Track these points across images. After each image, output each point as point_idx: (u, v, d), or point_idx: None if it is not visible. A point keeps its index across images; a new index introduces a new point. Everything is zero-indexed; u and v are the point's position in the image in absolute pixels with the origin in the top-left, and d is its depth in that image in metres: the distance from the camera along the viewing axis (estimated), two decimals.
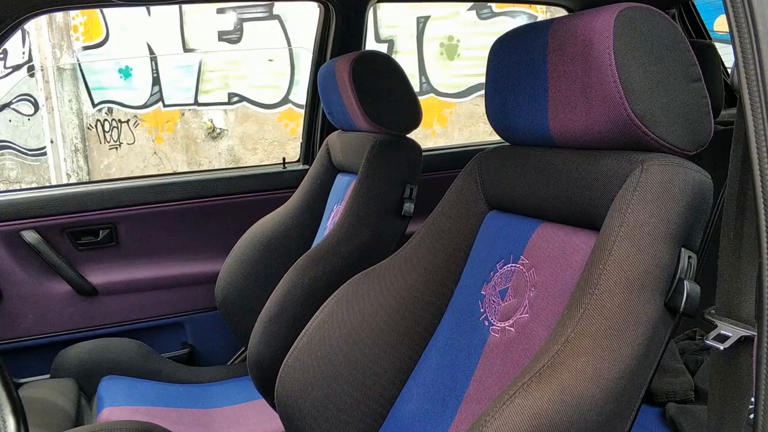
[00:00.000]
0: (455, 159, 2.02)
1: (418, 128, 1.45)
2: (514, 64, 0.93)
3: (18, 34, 5.96)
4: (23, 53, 5.97)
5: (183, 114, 5.97)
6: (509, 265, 0.95)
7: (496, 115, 1.00)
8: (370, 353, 1.05)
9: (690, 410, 1.20)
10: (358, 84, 1.38)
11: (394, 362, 1.05)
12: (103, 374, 1.58)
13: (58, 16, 5.89)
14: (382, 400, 1.05)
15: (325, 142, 1.72)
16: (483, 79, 1.01)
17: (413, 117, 1.41)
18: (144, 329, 1.78)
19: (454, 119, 5.52)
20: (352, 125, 1.53)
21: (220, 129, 5.94)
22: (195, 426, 1.41)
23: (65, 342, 1.66)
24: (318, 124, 1.94)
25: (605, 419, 0.67)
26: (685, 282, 0.72)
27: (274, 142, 5.83)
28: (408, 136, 1.44)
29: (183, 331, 1.84)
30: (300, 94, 5.75)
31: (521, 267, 0.92)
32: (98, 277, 1.74)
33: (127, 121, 6.02)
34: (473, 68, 5.43)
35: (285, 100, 5.81)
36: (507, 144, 1.04)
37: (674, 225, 0.73)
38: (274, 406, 1.38)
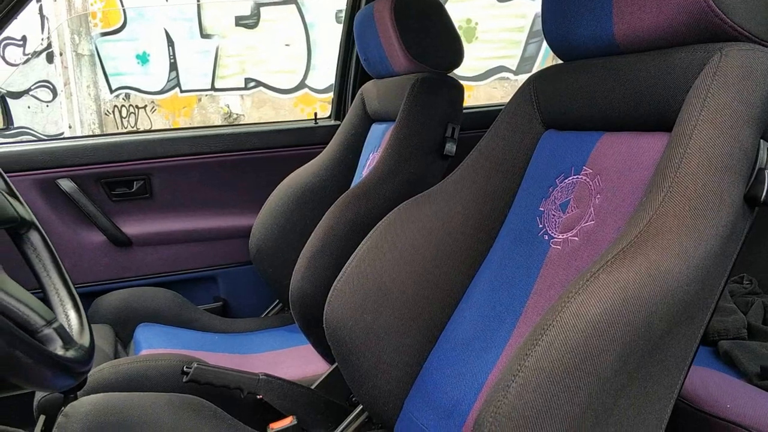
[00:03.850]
0: (483, 118, 1.99)
1: None
2: None
3: (37, 20, 5.98)
4: (42, 39, 5.99)
5: (200, 99, 5.97)
6: (571, 178, 0.93)
7: (553, 30, 0.98)
8: (421, 276, 1.03)
9: (745, 344, 1.17)
10: (400, 21, 1.36)
11: (446, 285, 1.03)
12: (138, 322, 1.57)
13: (77, 2, 5.91)
14: (433, 323, 1.03)
15: (359, 92, 1.70)
16: (502, 62, 0.99)
17: (455, 54, 1.39)
18: (177, 282, 1.77)
19: (472, 102, 5.49)
20: (389, 70, 1.51)
21: (237, 114, 5.94)
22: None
23: (99, 292, 1.65)
24: (350, 80, 1.92)
25: (690, 300, 0.65)
26: (766, 172, 0.70)
27: None
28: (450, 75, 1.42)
29: (215, 285, 1.83)
30: (316, 79, 5.74)
31: (584, 177, 0.90)
32: (132, 228, 1.73)
33: (144, 107, 6.03)
34: (492, 51, 5.39)
35: (301, 85, 5.80)
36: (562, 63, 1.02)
37: (756, 109, 0.70)
38: (315, 344, 1.37)
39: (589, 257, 0.84)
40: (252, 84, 5.87)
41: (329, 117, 1.99)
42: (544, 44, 5.38)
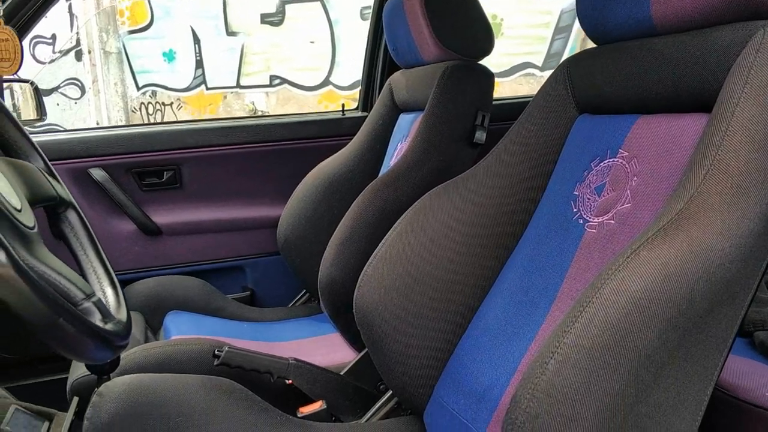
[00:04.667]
0: (512, 110, 1.98)
1: None
2: None
3: (66, 18, 6.07)
4: (71, 37, 6.09)
5: (225, 97, 6.02)
6: (606, 161, 0.91)
7: (588, 14, 0.96)
8: (452, 261, 1.02)
9: None
10: (430, 9, 1.36)
11: (477, 270, 1.03)
12: (167, 310, 1.58)
13: (106, 1, 5.99)
14: (464, 308, 1.02)
15: (387, 82, 1.70)
16: (527, 58, 0.98)
17: (486, 41, 1.38)
18: (206, 271, 1.79)
19: None
20: (419, 59, 1.50)
21: (262, 111, 5.97)
22: None
23: (129, 280, 1.67)
24: (377, 71, 1.92)
25: (732, 278, 0.64)
26: None
27: None
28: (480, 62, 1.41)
29: (243, 275, 1.84)
30: (341, 76, 5.75)
31: (620, 160, 0.89)
32: (162, 217, 1.75)
33: (171, 104, 6.10)
34: (517, 47, 5.36)
35: (326, 82, 5.82)
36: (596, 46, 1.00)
37: None
38: (343, 331, 1.37)
39: (625, 240, 0.83)
40: (277, 81, 5.90)
41: (356, 108, 1.99)
42: (570, 40, 5.34)
